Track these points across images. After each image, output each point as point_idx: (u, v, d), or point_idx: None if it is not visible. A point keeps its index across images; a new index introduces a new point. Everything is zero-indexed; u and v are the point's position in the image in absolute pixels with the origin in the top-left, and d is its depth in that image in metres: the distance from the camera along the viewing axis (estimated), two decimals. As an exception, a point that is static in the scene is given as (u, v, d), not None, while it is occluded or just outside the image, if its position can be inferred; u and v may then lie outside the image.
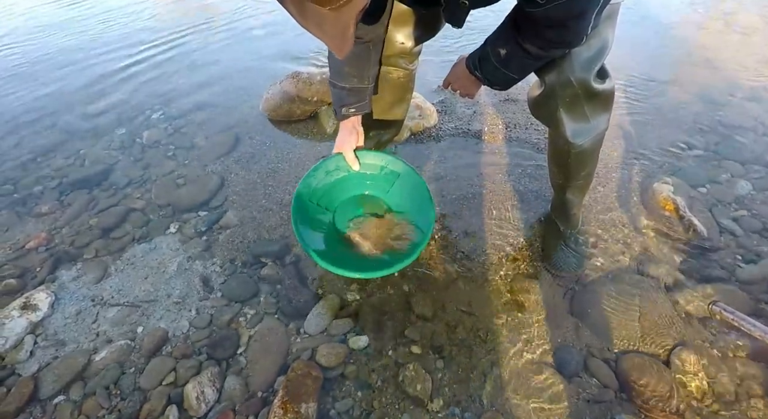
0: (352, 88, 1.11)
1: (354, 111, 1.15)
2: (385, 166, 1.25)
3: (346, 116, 1.16)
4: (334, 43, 0.62)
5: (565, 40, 0.84)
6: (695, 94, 2.09)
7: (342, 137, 1.20)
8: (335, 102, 1.16)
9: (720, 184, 1.56)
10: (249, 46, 2.79)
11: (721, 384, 1.01)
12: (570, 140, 1.05)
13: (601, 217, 1.43)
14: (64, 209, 1.55)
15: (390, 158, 1.24)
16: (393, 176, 1.25)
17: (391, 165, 1.25)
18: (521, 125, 1.89)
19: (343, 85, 1.11)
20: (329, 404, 0.99)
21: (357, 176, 1.26)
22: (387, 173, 1.26)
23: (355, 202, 1.28)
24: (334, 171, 1.24)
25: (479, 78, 1.04)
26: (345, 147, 1.20)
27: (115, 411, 0.99)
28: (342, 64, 1.08)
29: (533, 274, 1.26)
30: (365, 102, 1.15)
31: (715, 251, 1.31)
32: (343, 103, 1.14)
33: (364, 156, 1.23)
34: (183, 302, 1.22)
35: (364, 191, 1.30)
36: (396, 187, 1.26)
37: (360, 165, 1.23)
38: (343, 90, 1.12)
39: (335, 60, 1.09)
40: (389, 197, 1.28)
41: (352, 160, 1.21)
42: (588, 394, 1.00)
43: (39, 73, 2.51)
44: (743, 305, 1.15)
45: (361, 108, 1.15)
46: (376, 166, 1.25)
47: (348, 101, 1.13)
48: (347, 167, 1.23)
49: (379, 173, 1.26)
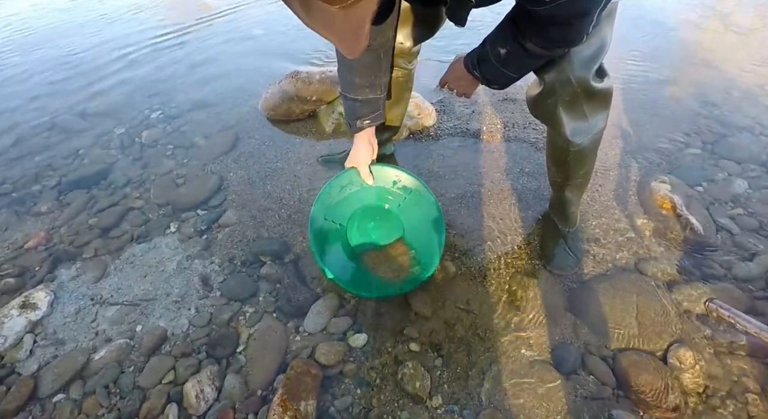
0: (365, 100, 1.08)
1: (369, 123, 1.12)
2: (397, 180, 1.23)
3: (360, 129, 1.13)
4: (345, 43, 0.58)
5: (567, 39, 0.83)
6: (692, 94, 2.10)
7: (357, 151, 1.17)
8: (348, 115, 1.12)
9: (717, 183, 1.57)
10: (248, 46, 2.79)
11: (718, 380, 1.01)
12: (569, 138, 1.05)
13: (599, 215, 1.44)
14: (63, 208, 1.55)
15: (402, 173, 1.22)
16: (405, 191, 1.24)
17: (403, 180, 1.22)
18: (519, 124, 1.90)
19: (355, 97, 1.08)
20: (328, 402, 0.99)
21: (369, 188, 1.24)
22: (399, 188, 1.24)
23: (365, 213, 1.27)
24: (347, 186, 1.22)
25: (478, 77, 1.03)
26: (360, 162, 1.17)
27: (114, 409, 0.99)
28: (352, 75, 1.05)
29: (531, 272, 1.26)
30: (379, 112, 1.12)
31: (711, 249, 1.32)
32: (357, 116, 1.10)
33: (377, 170, 1.21)
34: (182, 301, 1.22)
35: (374, 204, 1.27)
36: (408, 202, 1.25)
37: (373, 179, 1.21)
38: (355, 102, 1.08)
39: (345, 71, 1.06)
40: (401, 211, 1.26)
41: (367, 175, 1.18)
42: (585, 391, 1.00)
43: (37, 73, 2.51)
44: (740, 303, 1.16)
45: (376, 119, 1.12)
46: (389, 180, 1.23)
47: (361, 113, 1.10)
48: (360, 181, 1.21)
49: (392, 187, 1.24)
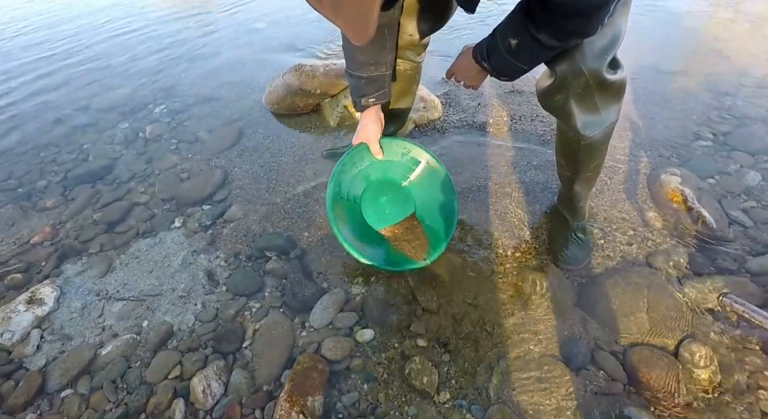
0: (370, 77, 1.08)
1: (374, 101, 1.12)
2: (406, 153, 1.26)
3: (366, 107, 1.13)
4: (353, 29, 0.57)
5: (582, 30, 0.81)
6: (704, 85, 2.06)
7: (365, 127, 1.18)
8: (353, 93, 1.13)
9: (729, 175, 1.54)
10: (251, 39, 2.78)
11: (731, 376, 1.00)
12: (580, 132, 1.02)
13: (609, 209, 1.42)
14: (68, 203, 1.55)
15: (412, 146, 1.25)
16: (414, 163, 1.27)
17: (413, 152, 1.26)
18: (527, 117, 1.87)
19: (360, 74, 1.08)
20: (335, 397, 0.99)
21: (379, 163, 1.26)
22: (408, 160, 1.27)
23: (378, 188, 1.29)
24: (359, 162, 1.24)
25: (486, 68, 1.01)
26: (369, 138, 1.18)
27: (121, 404, 0.99)
28: (357, 53, 1.04)
29: (540, 267, 1.25)
30: (385, 90, 1.12)
31: (724, 242, 1.30)
32: (362, 93, 1.11)
33: (387, 144, 1.23)
34: (188, 296, 1.22)
35: (385, 177, 1.30)
36: (418, 174, 1.28)
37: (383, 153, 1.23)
38: (360, 80, 1.09)
39: (350, 48, 1.06)
40: (412, 185, 1.30)
41: (377, 151, 1.20)
42: (596, 387, 0.99)
43: (41, 69, 2.50)
44: (754, 297, 1.13)
45: (381, 97, 1.12)
46: (398, 152, 1.26)
47: (366, 91, 1.10)
48: (371, 157, 1.23)
49: (401, 160, 1.27)
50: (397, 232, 1.26)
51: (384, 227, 1.27)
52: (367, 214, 1.27)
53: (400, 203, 1.29)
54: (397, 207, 1.29)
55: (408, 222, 1.28)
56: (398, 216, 1.28)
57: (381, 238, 1.25)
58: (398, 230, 1.26)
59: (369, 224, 1.27)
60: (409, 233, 1.25)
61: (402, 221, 1.28)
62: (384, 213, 1.28)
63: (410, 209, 1.29)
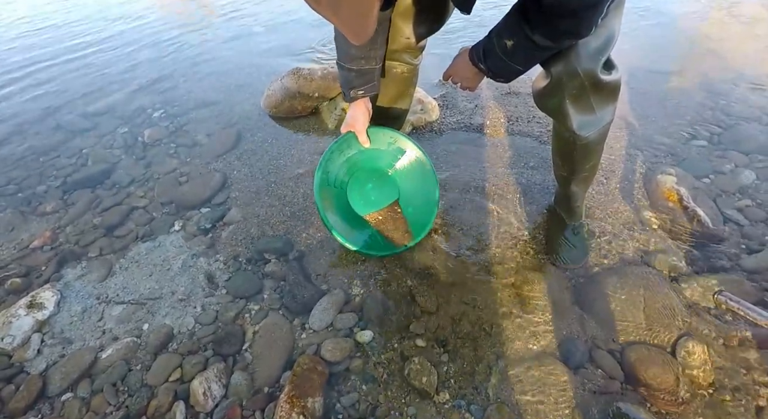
0: (360, 70, 1.11)
1: (362, 93, 1.15)
2: (393, 142, 1.30)
3: (354, 99, 1.16)
4: (351, 30, 0.58)
5: (576, 31, 0.82)
6: (698, 85, 2.07)
7: (353, 116, 1.21)
8: (343, 84, 1.16)
9: (724, 174, 1.55)
10: (249, 43, 2.79)
11: (728, 373, 1.01)
12: (576, 132, 1.03)
13: (605, 208, 1.43)
14: (67, 208, 1.55)
15: (398, 135, 1.29)
16: (399, 152, 1.31)
17: (399, 142, 1.30)
18: (523, 118, 1.88)
19: (351, 67, 1.10)
20: (335, 398, 0.99)
21: (366, 151, 1.29)
22: (394, 149, 1.31)
23: (364, 176, 1.32)
24: (346, 150, 1.27)
25: (483, 70, 1.02)
26: (358, 127, 1.21)
27: (122, 407, 0.99)
28: (349, 45, 1.07)
29: (537, 266, 1.25)
30: (373, 84, 1.15)
31: (719, 241, 1.31)
32: (352, 86, 1.13)
33: (374, 133, 1.26)
34: (188, 299, 1.23)
35: (371, 165, 1.33)
36: (402, 162, 1.32)
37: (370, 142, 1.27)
38: (350, 72, 1.11)
39: (341, 41, 1.08)
40: (397, 173, 1.33)
41: (365, 140, 1.23)
42: (593, 385, 1.00)
43: (40, 74, 2.51)
44: (749, 295, 1.14)
45: (370, 90, 1.15)
46: (384, 142, 1.30)
47: (356, 83, 1.13)
48: (358, 145, 1.26)
49: (387, 149, 1.31)
50: (381, 217, 1.31)
51: (369, 213, 1.31)
52: (353, 200, 1.30)
53: (385, 190, 1.33)
54: (382, 194, 1.33)
55: (391, 208, 1.32)
56: (383, 203, 1.32)
57: (365, 223, 1.30)
58: (382, 215, 1.31)
59: (355, 210, 1.30)
60: (391, 218, 1.31)
61: (386, 208, 1.32)
62: (369, 199, 1.32)
63: (394, 195, 1.33)
